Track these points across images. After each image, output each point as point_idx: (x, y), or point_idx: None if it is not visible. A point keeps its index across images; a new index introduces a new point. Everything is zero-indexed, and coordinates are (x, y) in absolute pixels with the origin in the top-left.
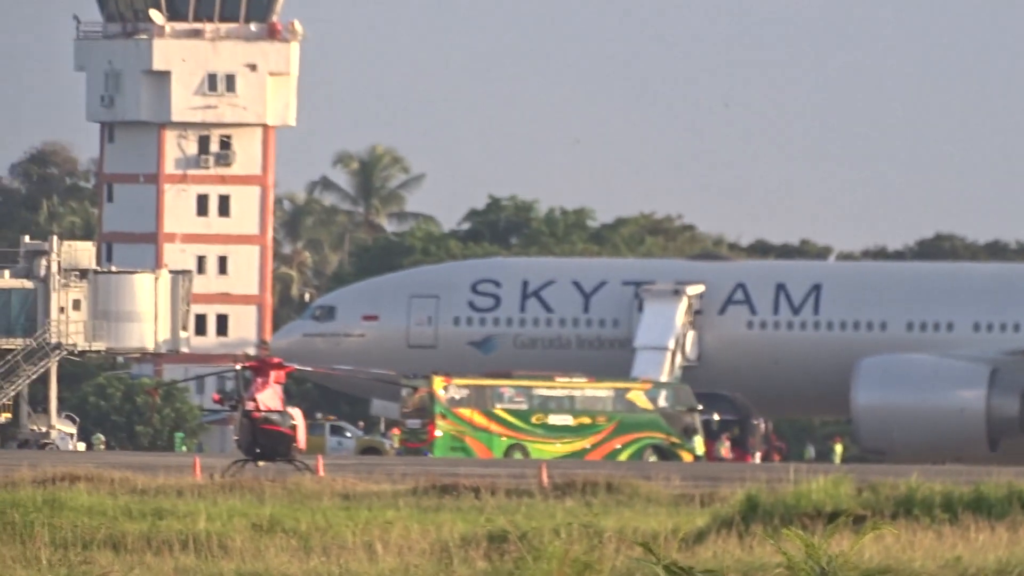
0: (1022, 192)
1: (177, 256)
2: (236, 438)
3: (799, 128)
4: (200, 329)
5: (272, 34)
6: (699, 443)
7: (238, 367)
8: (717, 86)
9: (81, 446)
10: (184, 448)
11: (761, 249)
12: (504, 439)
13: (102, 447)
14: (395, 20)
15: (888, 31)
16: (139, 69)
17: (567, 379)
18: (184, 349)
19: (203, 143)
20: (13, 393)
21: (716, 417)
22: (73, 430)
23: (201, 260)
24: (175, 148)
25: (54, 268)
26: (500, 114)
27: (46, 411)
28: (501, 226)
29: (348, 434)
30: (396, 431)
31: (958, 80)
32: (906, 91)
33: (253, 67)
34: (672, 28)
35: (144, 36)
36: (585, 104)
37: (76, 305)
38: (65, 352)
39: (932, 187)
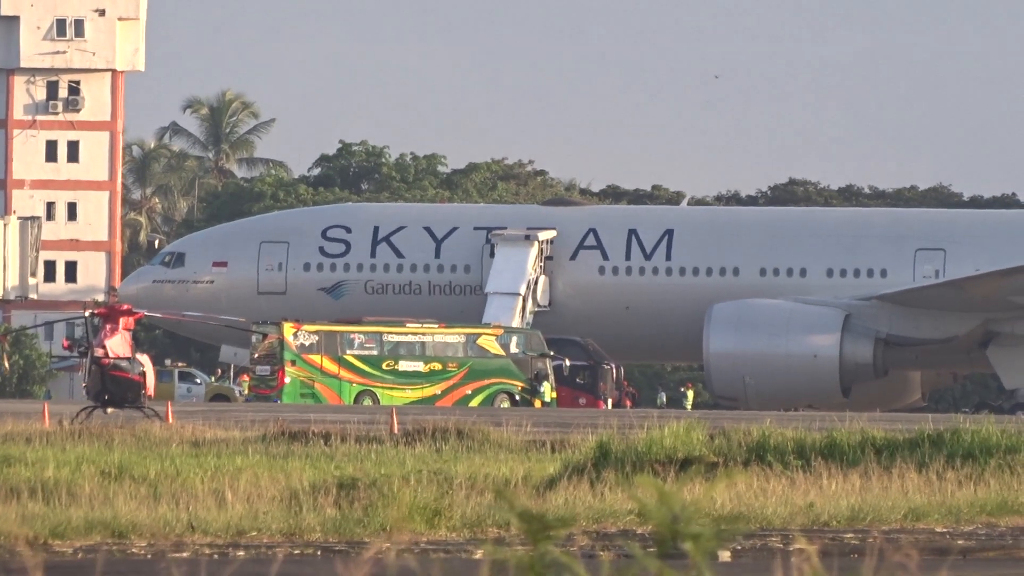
0: (874, 137)
1: (26, 202)
2: (85, 385)
3: (650, 72)
4: (49, 276)
5: None
6: (548, 389)
7: (87, 314)
8: (568, 28)
9: None
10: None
11: (613, 194)
12: (354, 385)
13: None
14: None
15: None
16: None
17: (418, 325)
18: (33, 296)
19: (52, 88)
20: None
21: (567, 363)
22: None
23: (50, 206)
24: (24, 94)
25: None
26: (351, 59)
27: None
28: (352, 172)
29: (197, 380)
30: (245, 377)
31: (810, 25)
32: (759, 37)
33: (102, 12)
34: None
35: None
36: (435, 49)
37: None
38: None
39: (785, 132)
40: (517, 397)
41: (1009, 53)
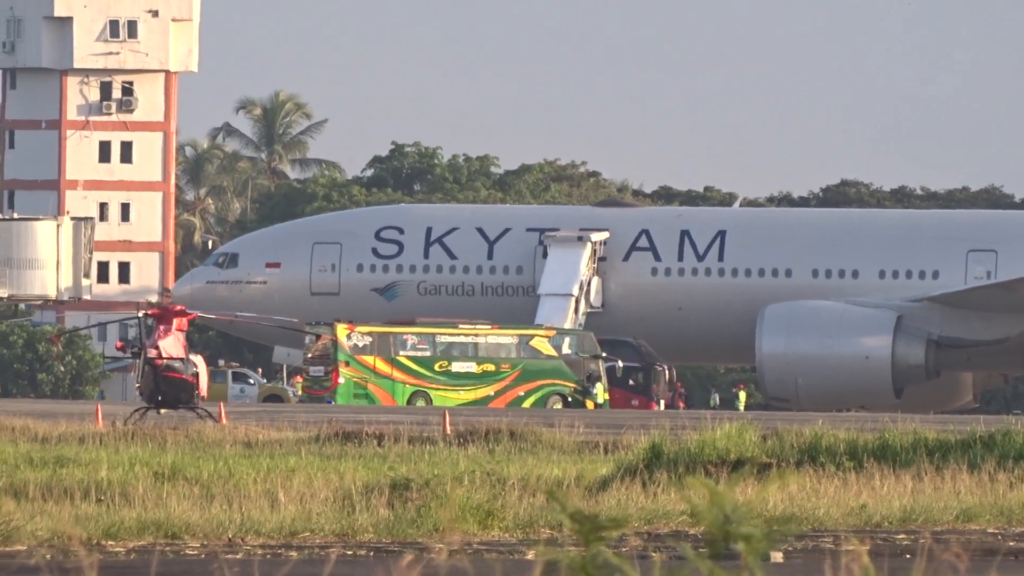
0: (927, 138)
1: (79, 203)
2: (138, 386)
3: (703, 73)
4: (102, 276)
5: None
6: (601, 390)
7: (140, 314)
8: (621, 30)
9: None
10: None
11: (665, 195)
12: (407, 386)
13: None
14: None
15: None
16: (41, 15)
17: (471, 326)
18: (86, 296)
19: (105, 89)
20: None
21: (620, 364)
22: None
23: (103, 207)
24: (77, 95)
25: None
26: (403, 60)
27: None
28: (404, 173)
29: (251, 381)
30: (299, 378)
31: (861, 27)
32: (811, 38)
33: (155, 13)
34: None
35: None
36: (488, 50)
37: None
38: None
39: (837, 133)
40: (569, 398)
41: None
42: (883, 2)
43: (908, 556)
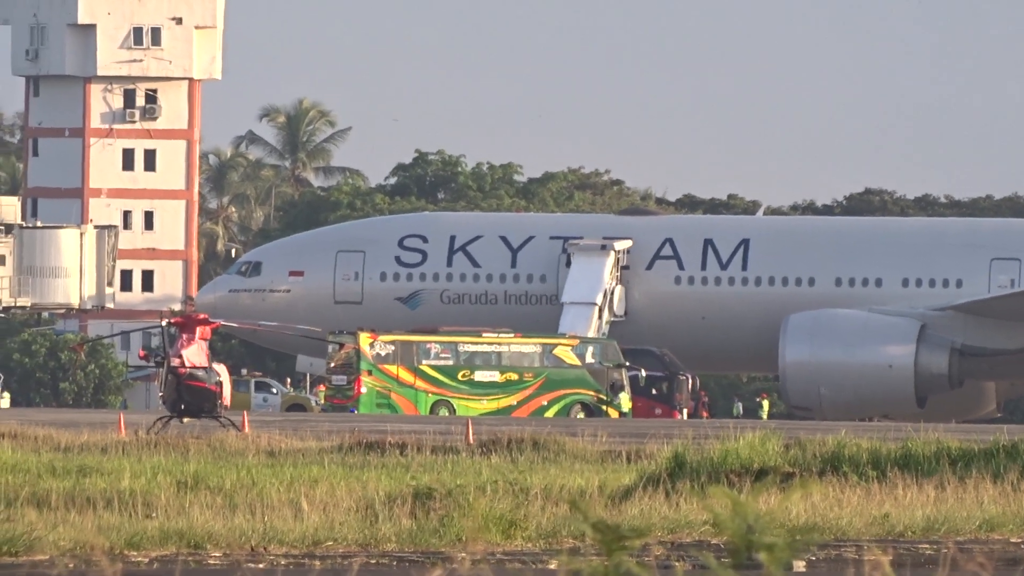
0: (951, 146)
1: (103, 211)
2: (161, 395)
3: (727, 81)
4: (126, 285)
5: None
6: (625, 399)
7: (164, 323)
8: (644, 39)
9: (4, 403)
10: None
11: (689, 204)
12: (430, 395)
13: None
14: None
15: None
16: (64, 22)
17: (494, 335)
18: (109, 305)
19: (129, 97)
20: None
21: (643, 373)
22: None
23: (127, 215)
24: (101, 102)
25: None
26: (427, 67)
27: None
28: (428, 181)
29: (273, 390)
30: (322, 387)
31: (885, 35)
32: (835, 46)
33: (179, 20)
34: None
35: None
36: (511, 58)
37: (1, 261)
38: None
39: (861, 141)
40: (592, 406)
41: None
42: (908, 9)
43: (931, 566)
